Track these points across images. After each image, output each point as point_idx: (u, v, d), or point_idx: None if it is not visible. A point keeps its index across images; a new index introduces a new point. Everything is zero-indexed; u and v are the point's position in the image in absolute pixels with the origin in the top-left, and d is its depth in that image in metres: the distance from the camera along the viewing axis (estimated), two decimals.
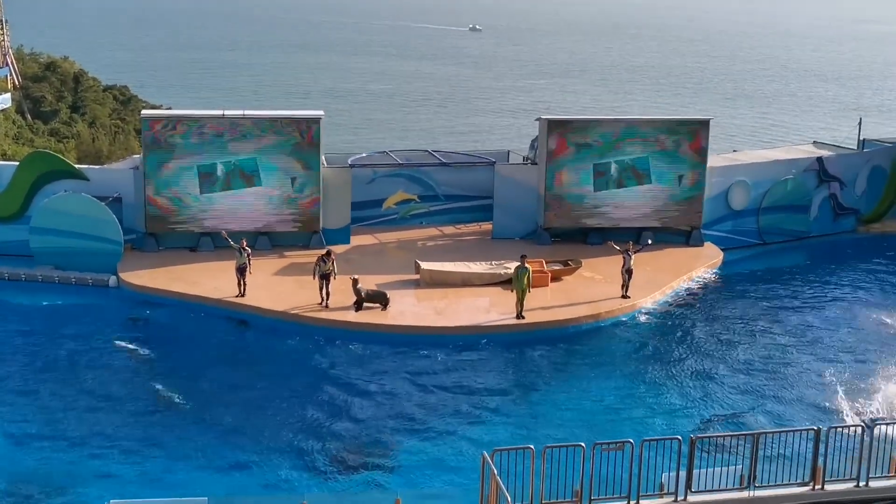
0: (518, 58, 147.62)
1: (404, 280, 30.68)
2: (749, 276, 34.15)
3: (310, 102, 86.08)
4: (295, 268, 31.48)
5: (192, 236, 33.07)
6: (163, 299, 29.55)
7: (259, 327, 28.16)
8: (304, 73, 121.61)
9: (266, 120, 33.03)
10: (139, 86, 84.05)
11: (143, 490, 19.14)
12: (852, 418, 22.61)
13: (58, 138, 59.67)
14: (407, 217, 36.51)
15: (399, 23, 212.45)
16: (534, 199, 35.01)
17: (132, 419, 22.49)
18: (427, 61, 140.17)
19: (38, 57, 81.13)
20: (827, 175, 37.93)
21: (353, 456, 21.25)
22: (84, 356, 25.87)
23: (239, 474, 20.42)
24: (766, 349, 27.80)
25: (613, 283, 30.24)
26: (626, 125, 35.04)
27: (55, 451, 21.18)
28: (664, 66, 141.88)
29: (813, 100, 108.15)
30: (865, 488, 16.41)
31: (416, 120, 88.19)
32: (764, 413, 23.58)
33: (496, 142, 65.97)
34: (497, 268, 30.84)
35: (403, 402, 23.92)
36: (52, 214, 31.09)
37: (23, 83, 72.43)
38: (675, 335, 28.69)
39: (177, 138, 32.33)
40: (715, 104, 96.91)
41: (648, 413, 23.39)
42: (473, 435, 22.10)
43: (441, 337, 27.35)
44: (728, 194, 36.12)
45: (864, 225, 39.43)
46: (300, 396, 23.89)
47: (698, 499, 15.98)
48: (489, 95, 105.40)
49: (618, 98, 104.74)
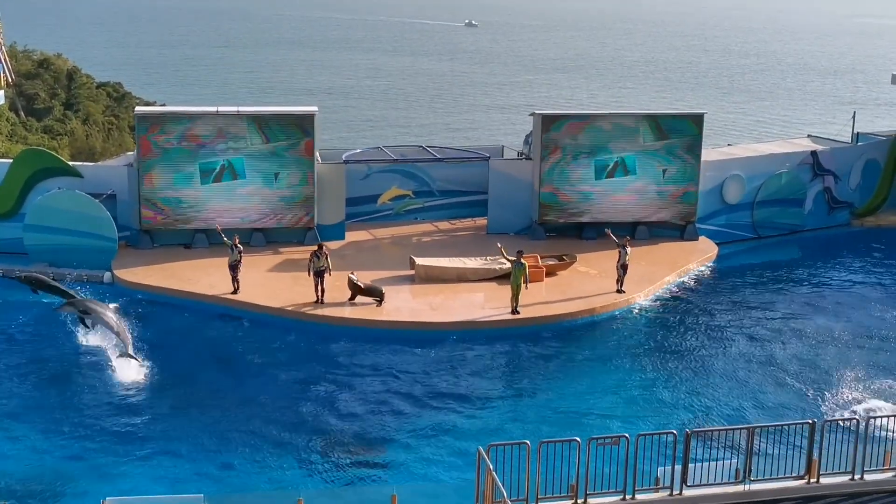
0: (512, 53, 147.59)
1: (399, 276, 30.67)
2: (744, 270, 34.18)
3: (305, 99, 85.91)
4: (290, 264, 31.43)
5: (186, 233, 33.03)
6: (158, 296, 29.50)
7: (254, 324, 28.12)
8: (300, 69, 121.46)
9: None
10: (134, 83, 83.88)
11: (138, 487, 19.11)
12: (847, 412, 22.65)
13: (51, 135, 59.48)
14: (402, 213, 36.49)
15: (394, 19, 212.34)
16: (528, 194, 35.00)
17: (126, 417, 22.45)
18: (421, 57, 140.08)
19: (31, 54, 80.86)
20: (821, 169, 37.96)
21: (348, 452, 21.26)
22: (79, 355, 25.81)
23: (234, 471, 20.42)
24: (760, 343, 27.83)
25: (608, 278, 30.26)
26: (619, 120, 35.00)
27: (50, 449, 21.16)
28: (658, 60, 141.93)
29: (807, 94, 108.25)
30: (860, 481, 16.45)
31: (410, 116, 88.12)
32: (759, 407, 23.62)
33: (490, 137, 65.91)
34: (492, 263, 30.84)
35: (399, 397, 23.92)
36: (47, 212, 31.03)
37: (16, 80, 72.16)
38: (670, 330, 28.71)
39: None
40: (709, 98, 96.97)
41: (643, 407, 23.41)
42: (469, 430, 22.11)
43: (436, 332, 27.36)
44: (722, 188, 36.14)
45: (858, 218, 39.47)
46: (295, 393, 23.87)
47: (694, 493, 16.01)
48: (483, 91, 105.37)
49: (612, 93, 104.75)
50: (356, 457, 21.08)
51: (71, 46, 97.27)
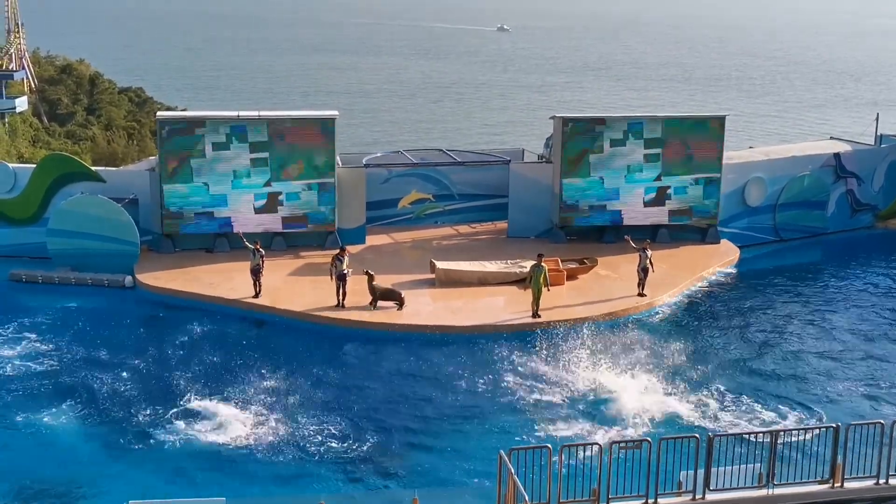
0: (538, 56, 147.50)
1: (420, 279, 30.66)
2: (765, 274, 33.97)
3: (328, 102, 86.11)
4: (310, 268, 31.50)
5: (207, 237, 33.15)
6: (179, 300, 29.63)
7: (275, 327, 28.19)
8: (324, 72, 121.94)
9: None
10: (156, 88, 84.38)
11: (160, 490, 19.17)
12: (871, 415, 22.44)
13: (74, 140, 59.97)
14: (422, 216, 36.49)
15: (425, 24, 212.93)
16: (548, 197, 34.92)
17: (149, 420, 22.53)
18: (447, 61, 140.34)
19: (53, 60, 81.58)
20: (844, 171, 37.71)
21: (370, 455, 21.23)
22: (101, 358, 25.91)
23: (256, 474, 20.44)
24: (782, 346, 27.65)
25: (629, 282, 30.14)
26: (640, 122, 34.84)
27: (75, 451, 21.28)
28: (682, 63, 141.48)
29: (830, 95, 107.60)
30: (885, 486, 16.29)
31: (431, 119, 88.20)
32: (782, 410, 23.45)
33: (511, 140, 65.84)
34: (512, 266, 30.79)
35: (420, 401, 23.90)
36: (69, 216, 31.21)
37: (39, 86, 72.84)
38: (692, 333, 28.55)
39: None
40: (731, 101, 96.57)
41: (666, 411, 23.27)
42: (490, 434, 22.06)
43: (457, 336, 27.32)
44: (744, 191, 35.95)
45: (881, 221, 39.18)
46: (316, 396, 23.87)
47: (716, 497, 15.90)
48: (504, 94, 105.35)
49: (634, 95, 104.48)
50: (377, 460, 21.06)
51: (93, 52, 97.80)
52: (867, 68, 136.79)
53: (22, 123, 60.64)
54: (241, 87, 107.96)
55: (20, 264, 31.58)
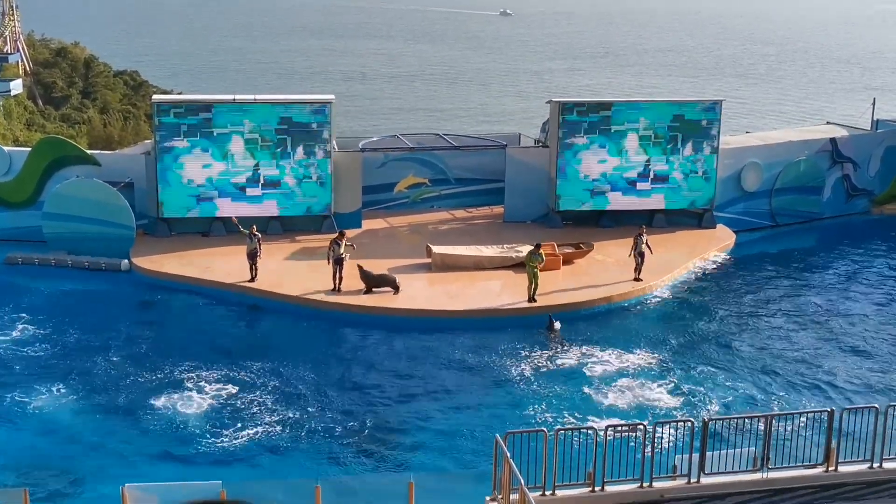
0: (539, 41, 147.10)
1: (416, 264, 30.66)
2: (761, 258, 34.02)
3: (323, 86, 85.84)
4: (306, 252, 31.49)
5: (203, 221, 33.11)
6: (175, 284, 29.60)
7: (271, 311, 28.20)
8: (321, 56, 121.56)
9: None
10: (150, 72, 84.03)
11: (158, 473, 19.22)
12: (866, 399, 22.52)
13: (69, 124, 59.74)
14: (418, 201, 36.47)
15: (432, 8, 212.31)
16: (545, 182, 34.90)
17: (145, 403, 22.56)
18: (446, 44, 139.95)
19: (48, 43, 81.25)
20: (840, 156, 37.73)
21: (366, 439, 21.29)
22: (97, 341, 25.94)
23: (253, 458, 20.48)
24: (778, 331, 27.72)
25: (625, 266, 30.16)
26: (636, 107, 34.79)
27: (71, 432, 21.35)
28: (678, 48, 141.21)
29: (827, 81, 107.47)
30: (879, 469, 16.35)
31: (427, 102, 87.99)
32: (777, 394, 23.53)
33: (507, 125, 65.68)
34: (509, 251, 30.80)
35: (416, 385, 23.95)
36: (65, 200, 31.16)
37: (34, 69, 72.54)
38: (688, 317, 28.61)
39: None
40: (728, 85, 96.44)
41: (661, 395, 23.34)
42: (486, 417, 22.11)
43: (454, 320, 27.34)
44: (741, 176, 35.95)
45: (877, 206, 39.22)
46: (312, 380, 23.91)
47: (711, 480, 15.94)
48: (501, 78, 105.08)
49: (630, 80, 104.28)
50: (373, 444, 21.11)
51: (88, 35, 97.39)
52: (865, 53, 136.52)
53: (17, 106, 60.41)
54: (237, 70, 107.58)
55: (16, 247, 31.54)
